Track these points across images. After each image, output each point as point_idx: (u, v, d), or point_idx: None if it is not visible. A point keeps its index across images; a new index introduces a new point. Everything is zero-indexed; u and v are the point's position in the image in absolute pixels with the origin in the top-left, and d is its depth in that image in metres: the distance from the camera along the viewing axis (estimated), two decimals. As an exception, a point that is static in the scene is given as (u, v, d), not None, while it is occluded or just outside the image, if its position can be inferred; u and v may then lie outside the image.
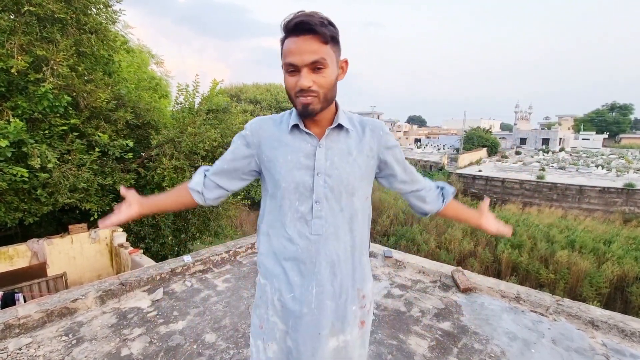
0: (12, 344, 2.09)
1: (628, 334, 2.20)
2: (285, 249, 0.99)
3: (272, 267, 1.02)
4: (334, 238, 0.98)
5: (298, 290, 0.98)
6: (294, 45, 0.85)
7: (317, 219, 0.96)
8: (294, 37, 0.86)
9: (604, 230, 15.25)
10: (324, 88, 0.89)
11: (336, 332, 1.01)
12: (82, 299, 2.52)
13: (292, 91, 0.90)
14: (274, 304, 1.02)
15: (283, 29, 0.88)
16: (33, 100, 4.89)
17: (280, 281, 1.01)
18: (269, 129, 1.01)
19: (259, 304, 1.07)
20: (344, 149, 0.98)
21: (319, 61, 0.85)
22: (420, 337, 2.23)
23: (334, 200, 0.97)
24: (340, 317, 1.01)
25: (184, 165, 6.49)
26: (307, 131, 0.97)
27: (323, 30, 0.85)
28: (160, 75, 12.58)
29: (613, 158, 33.03)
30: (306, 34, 0.84)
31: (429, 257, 9.42)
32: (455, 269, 3.09)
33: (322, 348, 0.98)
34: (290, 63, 0.86)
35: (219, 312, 2.53)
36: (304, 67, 0.86)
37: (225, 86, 29.88)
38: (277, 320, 1.02)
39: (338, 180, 0.96)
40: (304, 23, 0.83)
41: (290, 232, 0.98)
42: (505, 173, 24.70)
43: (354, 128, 1.01)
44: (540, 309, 2.55)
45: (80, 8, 5.43)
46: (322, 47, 0.86)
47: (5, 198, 4.88)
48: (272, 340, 1.03)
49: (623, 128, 57.52)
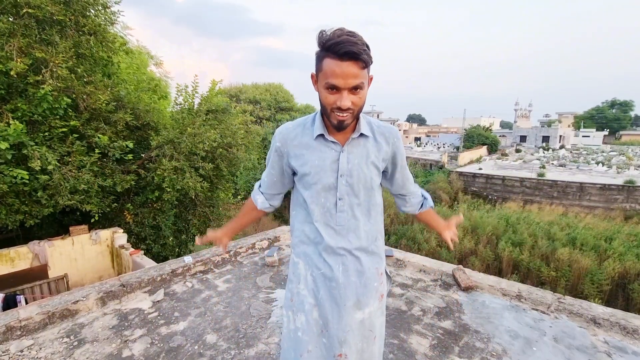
0: (14, 346, 2.09)
1: (630, 331, 2.19)
2: (315, 237, 1.17)
3: (304, 248, 1.20)
4: (353, 231, 1.16)
5: (327, 268, 1.15)
6: (338, 69, 0.94)
7: (341, 212, 1.13)
8: (337, 60, 0.93)
9: (605, 227, 15.24)
10: (358, 107, 1.02)
11: (362, 306, 1.18)
12: (83, 301, 2.52)
13: (329, 107, 1.00)
14: (307, 278, 1.19)
15: (326, 48, 0.94)
16: (33, 103, 4.89)
17: (311, 260, 1.18)
18: (297, 137, 1.15)
19: (291, 279, 1.24)
20: (363, 153, 1.14)
21: (359, 85, 0.97)
22: (422, 335, 2.23)
23: (353, 196, 1.14)
24: (365, 292, 1.18)
25: (184, 166, 6.48)
26: (332, 139, 1.11)
27: (365, 58, 0.95)
28: (160, 76, 12.58)
29: (613, 155, 32.99)
30: (351, 60, 0.93)
31: (429, 255, 9.42)
32: (456, 268, 3.09)
33: (347, 317, 1.15)
34: (334, 85, 0.96)
35: (220, 313, 2.53)
36: (345, 89, 0.96)
37: (225, 86, 29.85)
38: (307, 294, 1.18)
39: (357, 179, 1.13)
40: (352, 53, 0.91)
41: (318, 224, 1.15)
42: (505, 171, 24.69)
43: (372, 134, 1.16)
44: (541, 307, 2.54)
45: (79, 10, 5.43)
46: (362, 72, 0.96)
47: (6, 200, 4.88)
48: (300, 312, 1.19)
49: (623, 125, 57.44)
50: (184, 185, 6.38)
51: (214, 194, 8.13)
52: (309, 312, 1.17)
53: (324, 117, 1.10)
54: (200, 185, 6.69)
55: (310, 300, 1.17)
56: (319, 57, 0.99)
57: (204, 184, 6.87)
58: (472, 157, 30.58)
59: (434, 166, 28.36)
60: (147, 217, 7.09)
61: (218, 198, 8.37)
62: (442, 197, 22.26)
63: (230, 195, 9.06)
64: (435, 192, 22.92)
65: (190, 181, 6.42)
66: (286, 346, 1.24)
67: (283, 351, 1.27)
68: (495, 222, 14.98)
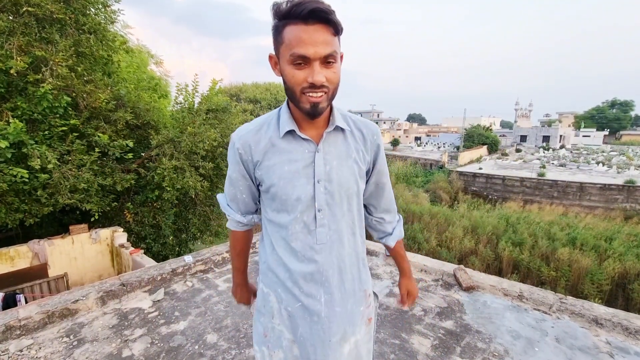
0: (13, 346, 2.08)
1: (632, 331, 2.19)
2: (290, 261, 0.94)
3: (276, 276, 0.98)
4: (338, 244, 0.95)
5: (306, 300, 0.94)
6: (305, 35, 0.75)
7: (321, 227, 0.92)
8: (302, 24, 0.75)
9: (605, 227, 15.23)
10: (334, 84, 0.82)
11: (348, 336, 1.00)
12: (83, 300, 2.51)
13: (298, 87, 0.79)
14: (281, 313, 0.98)
15: (285, 14, 0.76)
16: (32, 101, 4.87)
17: (285, 291, 0.96)
18: (262, 140, 0.92)
19: (262, 312, 1.03)
20: (342, 151, 0.94)
21: (332, 54, 0.78)
22: (423, 336, 2.22)
23: (335, 206, 0.93)
24: (350, 321, 1.00)
25: (184, 165, 6.47)
26: (303, 136, 0.90)
27: (336, 20, 0.77)
28: (160, 75, 12.53)
29: (614, 155, 32.98)
30: (318, 22, 0.75)
31: (429, 255, 9.41)
32: (457, 267, 3.08)
33: (333, 354, 0.96)
34: (302, 55, 0.76)
35: (221, 312, 2.52)
36: (317, 60, 0.77)
37: (225, 86, 29.83)
38: (283, 329, 0.98)
39: (338, 185, 0.92)
40: (319, 10, 0.74)
41: (294, 244, 0.93)
42: (505, 171, 24.69)
43: (350, 128, 0.96)
44: (543, 307, 2.54)
45: (79, 8, 5.42)
46: (334, 39, 0.79)
47: (5, 199, 4.87)
48: (278, 348, 0.99)
49: (624, 125, 57.43)
50: (184, 184, 6.37)
51: (214, 193, 8.12)
52: (288, 349, 0.98)
53: (291, 109, 0.90)
54: (201, 184, 6.69)
55: (288, 337, 0.98)
56: (277, 29, 0.79)
57: (204, 183, 6.86)
58: (472, 157, 30.58)
59: (434, 166, 28.35)
60: (147, 216, 7.08)
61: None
62: (442, 196, 22.26)
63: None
64: (435, 192, 22.93)
65: (190, 180, 6.41)
66: None
67: None
68: (496, 222, 14.97)
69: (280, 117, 0.92)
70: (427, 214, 16.49)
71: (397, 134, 51.30)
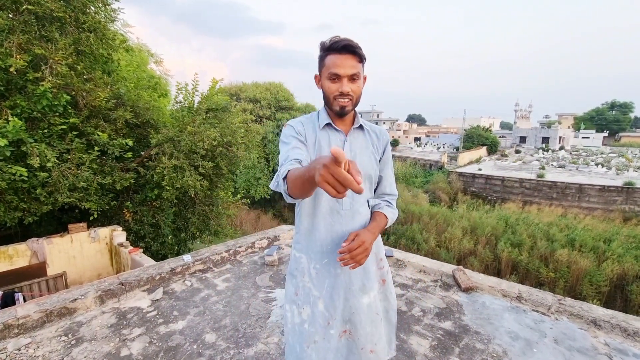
0: (11, 344, 2.08)
1: (631, 333, 2.19)
2: (320, 224, 1.21)
3: (308, 240, 1.24)
4: (357, 213, 1.23)
5: (332, 256, 1.20)
6: (339, 61, 1.12)
7: (346, 197, 1.17)
8: (337, 54, 1.12)
9: (604, 228, 15.25)
10: (357, 94, 1.18)
11: (367, 290, 1.24)
12: (81, 299, 2.51)
13: (332, 95, 1.16)
14: (310, 272, 1.23)
15: (327, 48, 1.14)
16: (32, 99, 4.86)
17: (315, 252, 1.22)
18: (307, 127, 1.25)
19: (294, 273, 1.28)
20: (363, 144, 1.28)
21: (356, 74, 1.14)
22: (422, 336, 2.22)
23: None
24: (367, 276, 1.24)
25: (183, 165, 6.46)
26: (337, 128, 1.25)
27: (360, 53, 1.14)
28: (160, 74, 12.50)
29: (613, 156, 33.02)
30: (349, 53, 1.12)
31: (428, 256, 9.42)
32: (456, 268, 3.08)
33: (353, 300, 1.21)
34: (336, 73, 1.12)
35: (219, 312, 2.52)
36: (345, 77, 1.13)
37: (225, 85, 29.75)
38: (311, 286, 1.23)
39: (360, 166, 1.19)
40: (349, 46, 1.11)
41: (325, 209, 1.21)
42: (505, 172, 24.70)
43: (368, 129, 1.32)
44: (542, 308, 2.54)
45: (79, 7, 5.40)
46: (358, 65, 1.15)
47: (4, 197, 4.86)
48: (306, 304, 1.23)
49: (623, 126, 57.47)
50: (183, 183, 6.37)
51: (214, 193, 8.11)
52: (314, 304, 1.21)
53: (327, 110, 1.25)
54: (200, 183, 6.68)
55: (315, 293, 1.21)
56: (321, 58, 1.17)
57: (204, 183, 6.85)
58: (471, 158, 30.60)
59: (433, 166, 28.36)
60: (147, 215, 7.06)
61: (217, 197, 8.35)
62: (441, 197, 22.27)
63: (229, 194, 9.05)
64: (434, 193, 22.94)
65: (189, 179, 6.40)
66: (291, 341, 1.26)
67: (288, 346, 1.28)
68: (495, 223, 14.99)
69: (319, 116, 1.27)
70: (427, 214, 16.50)
71: (396, 135, 51.30)
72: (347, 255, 1.05)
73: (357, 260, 1.06)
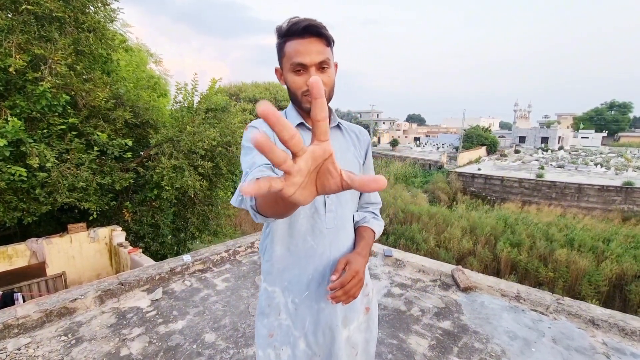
0: (11, 344, 2.08)
1: (628, 332, 2.20)
2: (299, 248, 0.99)
3: (283, 270, 1.01)
4: (342, 229, 1.02)
5: (314, 286, 0.99)
6: (301, 47, 0.89)
7: (330, 212, 0.99)
8: (299, 39, 0.90)
9: (603, 228, 15.28)
10: (329, 87, 0.94)
11: (347, 322, 1.05)
12: (81, 299, 2.51)
13: (299, 90, 0.93)
14: (287, 307, 1.01)
15: (285, 33, 0.91)
16: (31, 99, 4.86)
17: (293, 282, 1.00)
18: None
19: (266, 312, 1.05)
20: (342, 145, 1.05)
21: (325, 61, 0.91)
22: (421, 336, 2.22)
23: (341, 194, 1.00)
24: (350, 307, 1.05)
25: (183, 165, 6.47)
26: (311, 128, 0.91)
27: (327, 34, 0.92)
28: (159, 74, 12.50)
29: (612, 156, 33.07)
30: (312, 36, 0.90)
31: (428, 255, 9.43)
32: (455, 268, 3.09)
33: (338, 338, 1.02)
34: (300, 63, 0.90)
35: (219, 312, 2.52)
36: (312, 66, 0.90)
37: (224, 85, 29.75)
38: (290, 324, 1.01)
39: None
40: (312, 27, 0.89)
41: (304, 229, 0.98)
42: (504, 172, 24.73)
43: (345, 128, 1.09)
44: (540, 308, 2.55)
45: (78, 7, 5.40)
46: (326, 49, 0.92)
47: (4, 197, 4.86)
48: (285, 345, 1.02)
49: (622, 126, 57.57)
50: (182, 183, 6.37)
51: (213, 193, 8.12)
52: (295, 345, 1.01)
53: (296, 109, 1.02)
54: (200, 183, 6.68)
55: (295, 333, 1.00)
56: (280, 46, 0.94)
57: (203, 183, 6.86)
58: (471, 158, 30.63)
59: (433, 166, 28.38)
60: (146, 215, 7.07)
61: (217, 197, 8.36)
62: (441, 197, 22.29)
63: (229, 194, 9.05)
64: (434, 192, 22.95)
65: (189, 180, 6.41)
66: None
67: None
68: (494, 223, 15.00)
69: (288, 115, 1.02)
70: (426, 214, 16.51)
71: (396, 135, 51.31)
72: (340, 291, 0.86)
73: (351, 295, 0.87)
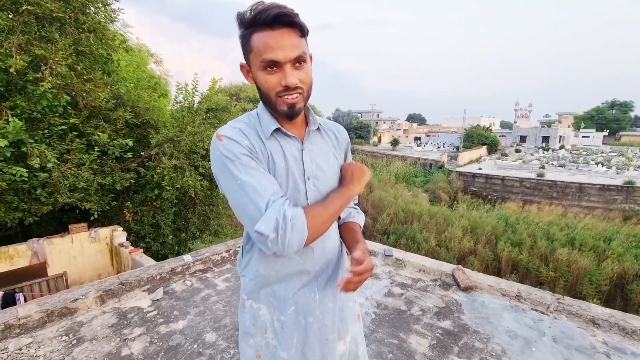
0: (13, 344, 2.09)
1: (629, 332, 2.20)
2: (285, 266, 0.93)
3: (268, 286, 0.95)
4: (328, 238, 0.97)
5: (301, 301, 0.94)
6: (272, 40, 0.76)
7: None
8: (268, 30, 0.76)
9: (604, 227, 15.27)
10: (307, 84, 0.84)
11: (342, 334, 1.00)
12: (82, 299, 2.52)
13: (273, 91, 0.81)
14: (273, 325, 0.95)
15: (250, 22, 0.78)
16: (32, 100, 4.87)
17: (279, 298, 0.94)
18: (252, 137, 0.86)
19: (252, 332, 0.98)
20: (323, 150, 0.97)
21: (301, 56, 0.79)
22: (421, 335, 2.23)
23: None
24: (343, 317, 1.00)
25: (183, 165, 6.48)
26: (289, 134, 0.89)
27: (301, 22, 0.79)
28: (159, 74, 12.52)
29: (613, 155, 33.03)
30: (284, 26, 0.77)
31: (429, 255, 9.43)
32: (455, 268, 3.09)
33: (331, 354, 0.96)
34: (272, 60, 0.77)
35: (220, 312, 2.53)
36: (287, 63, 0.78)
37: (225, 85, 29.77)
38: (277, 344, 0.95)
39: (324, 182, 0.94)
40: (282, 15, 0.75)
41: None
42: (505, 171, 24.72)
43: (323, 128, 1.01)
44: (541, 308, 2.55)
45: (79, 7, 5.41)
46: (301, 41, 0.80)
47: (5, 198, 4.88)
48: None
49: (623, 125, 57.50)
50: (183, 183, 6.38)
51: (214, 193, 8.13)
52: None
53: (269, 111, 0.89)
54: (200, 183, 6.69)
55: (282, 355, 0.94)
56: (244, 38, 0.80)
57: (204, 183, 6.87)
58: (471, 157, 30.62)
59: (433, 166, 28.37)
60: (147, 215, 7.08)
61: (218, 197, 8.37)
62: (441, 196, 22.28)
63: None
64: (434, 192, 22.95)
65: (190, 180, 6.41)
66: None
67: None
68: (495, 222, 15.00)
69: (261, 120, 0.89)
70: (427, 214, 16.50)
71: (396, 134, 51.30)
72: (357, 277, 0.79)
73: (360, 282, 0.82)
